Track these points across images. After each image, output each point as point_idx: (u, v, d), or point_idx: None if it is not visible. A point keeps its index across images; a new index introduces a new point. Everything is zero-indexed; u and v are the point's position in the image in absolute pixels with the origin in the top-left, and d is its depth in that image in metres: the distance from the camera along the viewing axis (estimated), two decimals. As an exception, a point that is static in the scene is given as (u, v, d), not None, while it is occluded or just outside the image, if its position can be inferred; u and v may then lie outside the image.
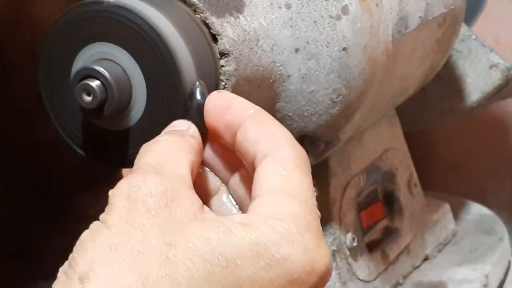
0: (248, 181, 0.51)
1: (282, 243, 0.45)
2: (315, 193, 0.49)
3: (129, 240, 0.44)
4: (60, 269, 0.45)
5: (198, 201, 0.47)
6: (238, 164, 0.52)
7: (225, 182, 0.54)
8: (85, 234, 0.45)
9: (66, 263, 0.45)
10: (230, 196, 0.53)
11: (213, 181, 0.53)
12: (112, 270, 0.43)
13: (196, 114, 0.54)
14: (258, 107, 0.52)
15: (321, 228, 0.48)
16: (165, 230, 0.44)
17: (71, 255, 0.45)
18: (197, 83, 0.56)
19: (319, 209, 0.49)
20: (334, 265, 0.82)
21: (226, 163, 0.53)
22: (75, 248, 0.45)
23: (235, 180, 0.53)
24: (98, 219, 0.46)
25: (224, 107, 0.52)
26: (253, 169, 0.50)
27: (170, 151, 0.50)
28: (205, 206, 0.47)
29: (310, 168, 0.50)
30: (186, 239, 0.44)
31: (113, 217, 0.45)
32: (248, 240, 0.44)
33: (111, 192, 0.47)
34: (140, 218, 0.45)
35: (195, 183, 0.49)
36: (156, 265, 0.43)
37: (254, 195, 0.48)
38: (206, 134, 0.53)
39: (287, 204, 0.47)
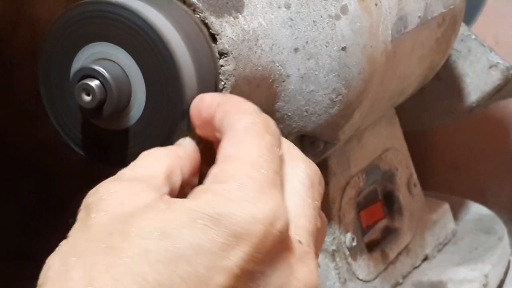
0: None
1: (215, 201, 0.44)
2: (278, 151, 0.49)
3: (76, 242, 0.45)
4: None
5: (155, 194, 0.46)
6: None
7: None
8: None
9: None
10: None
11: None
12: (59, 273, 0.44)
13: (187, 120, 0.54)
14: (227, 95, 0.53)
15: (273, 184, 0.47)
16: (110, 223, 0.44)
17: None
18: None
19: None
20: (333, 265, 0.82)
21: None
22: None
23: None
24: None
25: (197, 106, 0.53)
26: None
27: (144, 160, 0.50)
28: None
29: (272, 131, 0.49)
30: (127, 225, 0.44)
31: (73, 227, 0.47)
32: (185, 209, 0.44)
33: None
34: (88, 220, 0.46)
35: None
36: (96, 257, 0.43)
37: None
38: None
39: (229, 168, 0.47)
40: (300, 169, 0.50)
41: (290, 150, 0.51)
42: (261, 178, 0.46)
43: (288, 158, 0.51)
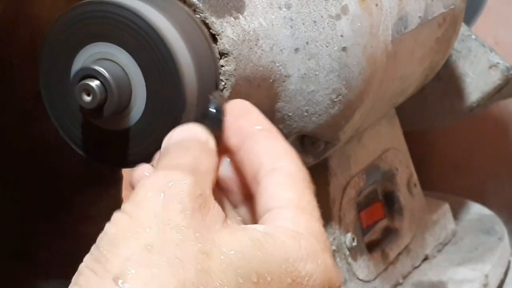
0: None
1: (308, 260, 0.45)
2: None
3: (166, 242, 0.42)
4: (84, 264, 0.43)
5: (222, 212, 0.46)
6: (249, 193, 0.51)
7: (234, 206, 0.52)
8: (112, 229, 0.43)
9: (91, 258, 0.43)
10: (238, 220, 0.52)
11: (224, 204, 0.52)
12: (150, 274, 0.41)
13: (211, 125, 0.51)
14: (272, 124, 0.52)
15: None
16: (199, 236, 0.43)
17: (96, 250, 0.43)
18: (211, 96, 0.53)
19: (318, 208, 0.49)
20: (334, 265, 0.82)
21: (240, 186, 0.52)
22: (103, 244, 0.43)
23: (244, 210, 0.52)
24: (110, 214, 0.45)
25: (243, 111, 0.51)
26: (254, 180, 0.49)
27: (200, 160, 0.48)
28: (227, 219, 0.46)
29: (314, 191, 0.50)
30: (219, 249, 0.43)
31: (146, 213, 0.43)
32: (279, 255, 0.44)
33: (140, 183, 0.45)
34: (175, 218, 0.43)
35: None
36: (192, 274, 0.42)
37: (267, 207, 0.47)
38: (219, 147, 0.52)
39: (305, 220, 0.47)
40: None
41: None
42: (329, 243, 0.48)
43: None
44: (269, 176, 0.48)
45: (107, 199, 0.88)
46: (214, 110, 0.51)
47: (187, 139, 0.49)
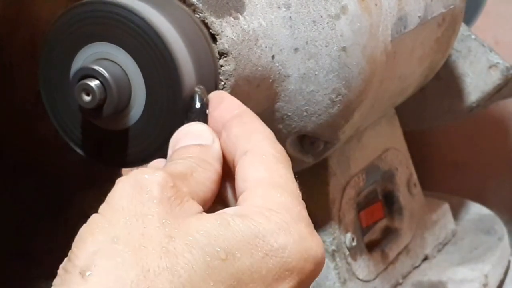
0: None
1: (279, 232, 0.45)
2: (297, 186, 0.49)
3: (130, 232, 0.44)
4: (60, 266, 0.44)
5: (199, 208, 0.47)
6: None
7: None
8: (84, 228, 0.45)
9: (66, 258, 0.45)
10: None
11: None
12: (114, 263, 0.43)
13: (196, 120, 0.54)
14: (245, 107, 0.53)
15: (309, 217, 0.48)
16: (165, 222, 0.44)
17: (70, 250, 0.45)
18: (196, 88, 0.56)
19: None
20: (333, 264, 0.82)
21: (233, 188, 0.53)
22: (74, 243, 0.44)
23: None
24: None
25: (216, 102, 0.53)
26: (233, 165, 0.50)
27: (197, 163, 0.49)
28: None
29: (290, 164, 0.50)
30: (185, 232, 0.44)
31: (114, 208, 0.45)
32: (247, 232, 0.45)
33: (118, 180, 0.47)
34: (142, 208, 0.44)
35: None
36: (156, 258, 0.43)
37: (239, 189, 0.48)
38: None
39: (277, 194, 0.47)
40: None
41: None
42: (307, 215, 0.48)
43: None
44: (241, 159, 0.49)
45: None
46: (198, 104, 0.54)
47: (188, 145, 0.51)
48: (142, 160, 0.59)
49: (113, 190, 0.46)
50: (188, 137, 0.51)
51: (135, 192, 0.45)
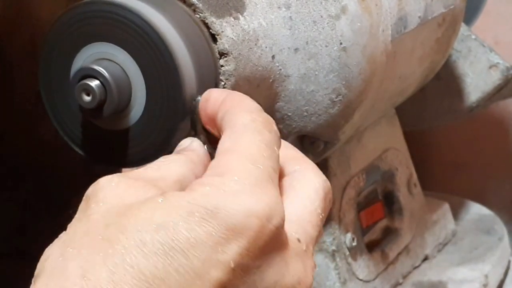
0: None
1: (211, 194, 0.44)
2: (277, 150, 0.49)
3: (75, 232, 0.45)
4: None
5: (156, 191, 0.46)
6: None
7: None
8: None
9: None
10: None
11: None
12: (57, 262, 0.44)
13: (200, 128, 0.54)
14: (232, 91, 0.53)
15: (270, 179, 0.46)
16: (107, 215, 0.45)
17: None
18: (198, 98, 0.56)
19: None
20: (333, 265, 0.82)
21: None
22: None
23: None
24: None
25: (205, 98, 0.54)
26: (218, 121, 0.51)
27: (160, 164, 0.50)
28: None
29: (272, 129, 0.49)
30: (123, 217, 0.44)
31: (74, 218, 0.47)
32: (182, 201, 0.44)
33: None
34: (86, 211, 0.46)
35: None
36: (92, 248, 0.43)
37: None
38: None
39: (225, 161, 0.47)
40: (317, 181, 0.51)
41: (309, 161, 0.52)
42: (257, 173, 0.46)
43: (306, 167, 0.51)
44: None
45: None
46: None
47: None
48: (142, 160, 0.59)
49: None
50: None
51: (84, 201, 0.48)
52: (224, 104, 0.52)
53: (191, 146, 0.53)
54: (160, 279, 0.42)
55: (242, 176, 0.45)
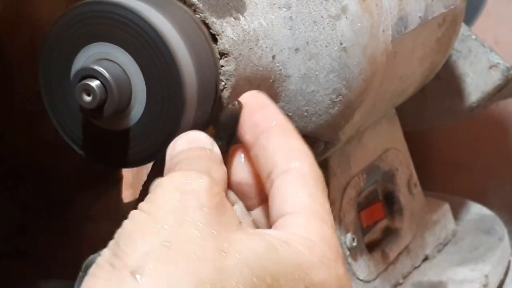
0: None
1: (320, 267, 0.45)
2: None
3: (183, 238, 0.43)
4: (103, 258, 0.43)
5: (237, 215, 0.46)
6: (266, 196, 0.51)
7: (249, 208, 0.52)
8: (129, 225, 0.44)
9: (109, 252, 0.43)
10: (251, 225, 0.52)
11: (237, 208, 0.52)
12: (168, 270, 0.42)
13: (227, 121, 0.51)
14: (286, 118, 0.51)
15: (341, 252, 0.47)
16: (216, 234, 0.43)
17: (115, 244, 0.43)
18: (236, 103, 0.53)
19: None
20: (334, 265, 0.82)
21: (257, 191, 0.52)
22: (121, 238, 0.43)
23: (260, 212, 0.52)
24: (129, 212, 0.45)
25: (259, 105, 0.51)
26: (268, 180, 0.49)
27: (212, 167, 0.48)
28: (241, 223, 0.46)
29: (326, 189, 0.49)
30: (235, 248, 0.43)
31: (163, 209, 0.44)
32: (292, 260, 0.44)
33: (156, 182, 0.45)
34: (193, 214, 0.43)
35: None
36: (210, 271, 0.42)
37: (280, 211, 0.47)
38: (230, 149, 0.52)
39: (318, 226, 0.46)
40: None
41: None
42: (341, 251, 0.47)
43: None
44: (282, 177, 0.48)
45: (107, 199, 0.88)
46: (231, 106, 0.51)
47: (193, 147, 0.49)
48: (142, 160, 0.59)
49: (156, 191, 0.45)
50: (188, 141, 0.50)
51: (183, 196, 0.44)
52: (279, 131, 0.50)
53: (218, 155, 0.50)
54: None
55: (335, 253, 0.46)
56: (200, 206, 0.44)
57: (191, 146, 0.49)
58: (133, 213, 0.44)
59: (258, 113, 0.51)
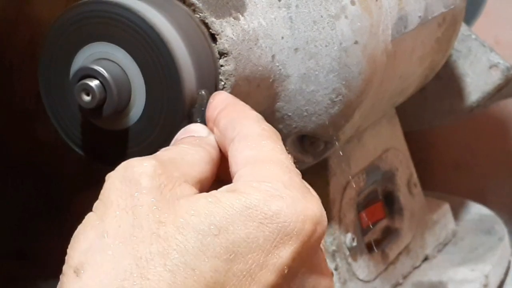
0: None
1: (271, 199, 0.45)
2: (291, 157, 0.49)
3: (120, 225, 0.44)
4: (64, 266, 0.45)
5: (192, 190, 0.47)
6: None
7: None
8: (78, 228, 0.45)
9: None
10: None
11: None
12: (105, 256, 0.43)
13: (198, 121, 0.55)
14: (230, 98, 0.54)
15: (305, 183, 0.47)
16: (155, 209, 0.44)
17: (68, 249, 0.45)
18: (202, 92, 0.56)
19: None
20: (334, 265, 0.82)
21: None
22: (70, 244, 0.45)
23: None
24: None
25: (218, 93, 0.55)
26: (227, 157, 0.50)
27: (185, 152, 0.50)
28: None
29: (280, 138, 0.50)
30: (175, 214, 0.44)
31: (105, 203, 0.45)
32: (238, 205, 0.45)
33: (107, 175, 0.47)
34: (131, 201, 0.45)
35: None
36: (147, 245, 0.43)
37: (232, 174, 0.48)
38: None
39: (264, 168, 0.47)
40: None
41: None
42: (298, 179, 0.47)
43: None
44: (229, 147, 0.49)
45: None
46: (201, 107, 0.56)
47: (184, 137, 0.52)
48: (142, 160, 0.59)
49: (104, 186, 0.46)
50: (185, 133, 0.53)
51: (124, 186, 0.45)
52: (226, 111, 0.52)
53: (210, 140, 0.52)
54: (220, 283, 0.43)
55: (289, 183, 0.46)
56: (139, 190, 0.45)
57: (183, 136, 0.52)
58: (87, 215, 0.46)
59: (208, 109, 0.54)
